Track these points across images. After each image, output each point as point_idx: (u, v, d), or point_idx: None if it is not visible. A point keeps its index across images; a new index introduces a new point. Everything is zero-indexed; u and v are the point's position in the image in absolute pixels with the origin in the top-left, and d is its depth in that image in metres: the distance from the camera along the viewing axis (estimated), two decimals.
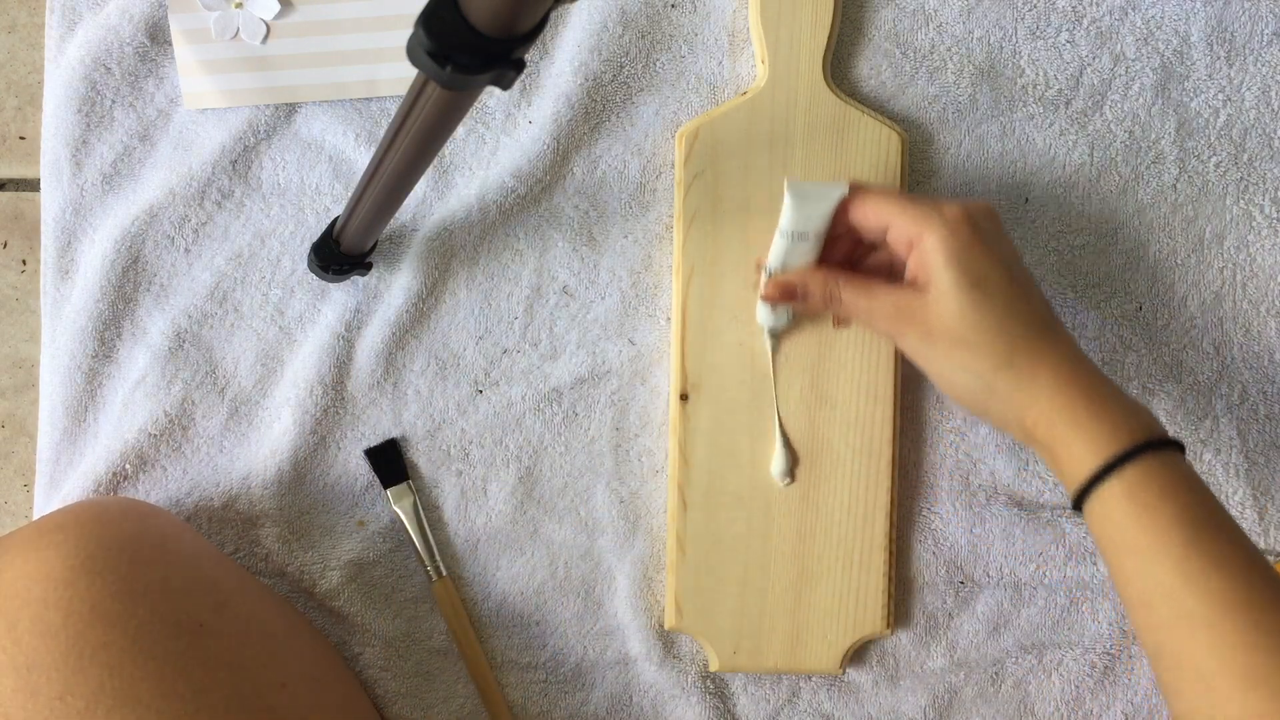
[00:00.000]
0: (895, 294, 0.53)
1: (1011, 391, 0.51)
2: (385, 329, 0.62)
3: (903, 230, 0.52)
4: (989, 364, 0.51)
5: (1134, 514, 0.48)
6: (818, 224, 0.54)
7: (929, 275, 0.51)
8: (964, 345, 0.51)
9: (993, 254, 0.51)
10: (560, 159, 0.63)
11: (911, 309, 0.52)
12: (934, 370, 0.53)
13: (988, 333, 0.50)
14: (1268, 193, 0.64)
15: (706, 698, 0.63)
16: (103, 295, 0.61)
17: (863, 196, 0.53)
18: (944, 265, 0.50)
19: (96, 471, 0.61)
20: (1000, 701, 0.64)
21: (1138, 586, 0.48)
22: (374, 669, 0.62)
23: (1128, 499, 0.48)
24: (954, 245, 0.50)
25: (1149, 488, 0.48)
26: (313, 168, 0.62)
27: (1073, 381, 0.50)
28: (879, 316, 0.53)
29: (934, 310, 0.51)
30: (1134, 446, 0.49)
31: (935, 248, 0.51)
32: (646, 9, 0.63)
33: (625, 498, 0.63)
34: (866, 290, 0.54)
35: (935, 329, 0.51)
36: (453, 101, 0.41)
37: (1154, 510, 0.48)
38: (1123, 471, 0.48)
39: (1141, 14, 0.63)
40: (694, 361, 0.61)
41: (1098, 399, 0.50)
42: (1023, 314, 0.51)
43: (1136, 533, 0.48)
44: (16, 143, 0.65)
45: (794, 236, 0.55)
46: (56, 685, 0.46)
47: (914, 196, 0.53)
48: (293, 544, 0.62)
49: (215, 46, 0.61)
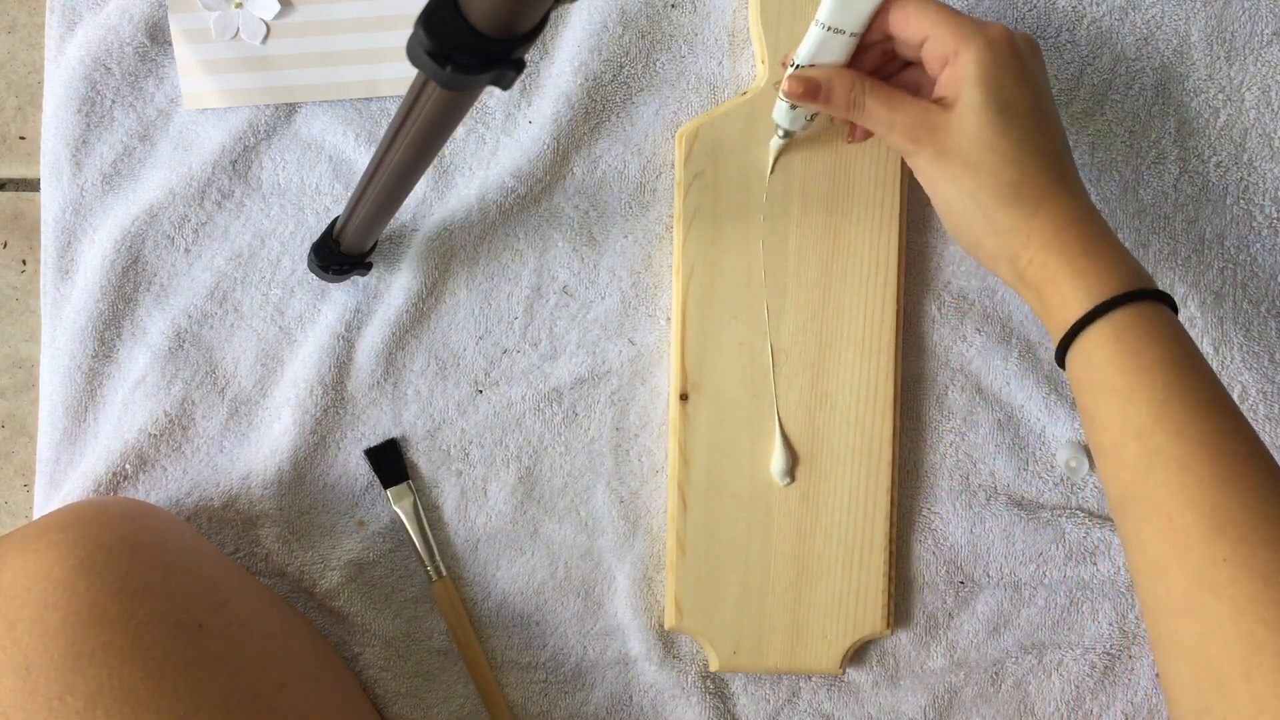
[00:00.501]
0: (918, 108, 0.51)
1: (1010, 226, 0.50)
2: (385, 329, 0.62)
3: (941, 43, 0.50)
4: (994, 193, 0.49)
5: (1118, 356, 0.47)
6: (856, 22, 0.51)
7: (958, 92, 0.50)
8: (974, 169, 0.49)
9: (1025, 81, 0.49)
10: (560, 159, 0.63)
11: (932, 124, 0.50)
12: (938, 192, 0.52)
13: (1000, 159, 0.49)
14: (1268, 193, 0.64)
15: (706, 698, 0.63)
16: (103, 295, 0.61)
17: (904, 6, 0.51)
18: (975, 82, 0.49)
19: (96, 471, 0.61)
20: (1000, 701, 0.64)
21: (1113, 431, 0.48)
22: (374, 669, 0.62)
23: (1113, 341, 0.48)
24: (990, 65, 0.49)
25: (1136, 332, 0.47)
26: (313, 168, 0.62)
27: (1074, 223, 0.49)
28: (898, 128, 0.51)
29: (954, 128, 0.50)
30: (1126, 292, 0.48)
31: (970, 63, 0.49)
32: (646, 9, 0.63)
33: (625, 498, 0.63)
34: (890, 99, 0.52)
35: (950, 148, 0.50)
36: (453, 101, 0.41)
37: (1138, 354, 0.47)
38: (1112, 315, 0.48)
39: (1141, 14, 0.63)
40: (694, 361, 0.61)
41: (1095, 244, 0.49)
42: (1040, 148, 0.50)
43: (1117, 375, 0.47)
44: (16, 143, 0.65)
45: (829, 30, 0.52)
46: (55, 685, 0.46)
47: (958, 11, 0.51)
48: (293, 544, 0.62)
49: (215, 46, 0.61)
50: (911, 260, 0.63)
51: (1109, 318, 0.48)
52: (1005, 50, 0.49)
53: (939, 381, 0.63)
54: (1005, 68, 0.49)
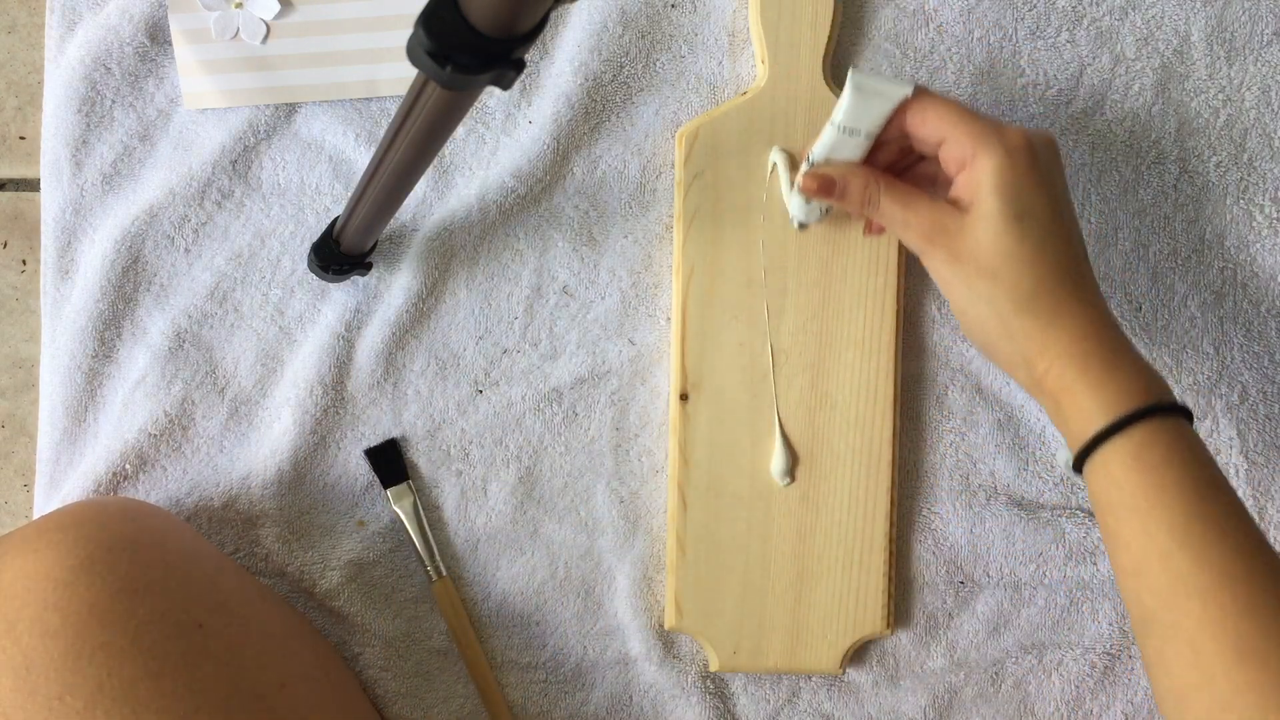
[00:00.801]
0: (934, 209, 0.50)
1: (1027, 334, 0.49)
2: (385, 329, 0.62)
3: (958, 146, 0.50)
4: (1011, 300, 0.49)
5: (1137, 475, 0.47)
6: (872, 123, 0.52)
7: (974, 197, 0.49)
8: (990, 276, 0.49)
9: (1043, 188, 0.49)
10: (560, 159, 0.63)
11: (947, 228, 0.50)
12: (954, 296, 0.51)
13: (1017, 267, 0.49)
14: (1268, 193, 0.64)
15: (706, 698, 0.63)
16: (103, 295, 0.61)
17: (924, 104, 0.51)
18: (992, 191, 0.48)
19: (96, 471, 0.61)
20: (1000, 701, 0.64)
21: (1134, 551, 0.47)
22: (374, 669, 0.62)
23: (1133, 460, 0.47)
24: (1007, 172, 0.48)
25: (1155, 450, 0.47)
26: (313, 168, 0.62)
27: (1091, 334, 0.49)
28: (913, 229, 0.51)
29: (970, 234, 0.49)
30: (1144, 407, 0.48)
31: (987, 170, 0.49)
32: (646, 9, 0.63)
33: (625, 498, 0.63)
34: (906, 200, 0.51)
35: (965, 253, 0.49)
36: (453, 101, 0.41)
37: (1158, 473, 0.47)
38: (1130, 431, 0.47)
39: (1141, 14, 0.63)
40: (694, 361, 0.61)
41: (1112, 356, 0.49)
42: (1057, 256, 0.49)
43: (1138, 495, 0.47)
44: (16, 143, 0.65)
45: (845, 130, 0.52)
46: (55, 685, 0.46)
47: (976, 113, 0.50)
48: (293, 544, 0.62)
49: (215, 46, 0.61)
50: (911, 260, 0.63)
51: (1127, 434, 0.48)
52: (1023, 158, 0.49)
53: (939, 381, 0.63)
54: (1022, 175, 0.49)
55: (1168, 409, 0.48)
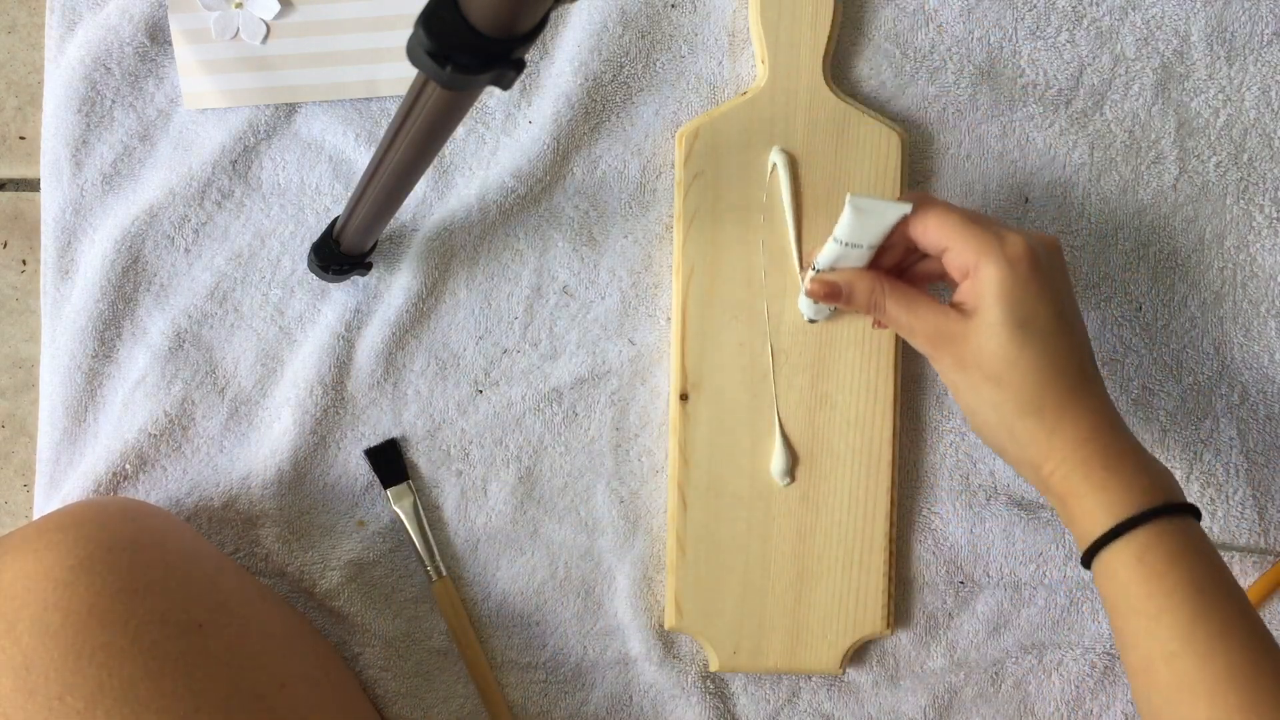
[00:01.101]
0: (938, 315, 0.51)
1: (1032, 438, 0.50)
2: (385, 329, 0.62)
3: (961, 255, 0.50)
4: (1015, 406, 0.50)
5: (1141, 578, 0.48)
6: (873, 237, 0.53)
7: (977, 305, 0.50)
8: (995, 382, 0.50)
9: (1046, 296, 0.50)
10: (560, 159, 0.63)
11: (952, 334, 0.51)
12: (961, 399, 0.53)
13: (1021, 375, 0.49)
14: (1268, 193, 0.64)
15: (706, 698, 0.63)
16: (103, 295, 0.61)
17: (925, 215, 0.51)
18: (994, 301, 0.49)
19: (96, 471, 0.61)
20: (1000, 701, 0.64)
21: (1141, 651, 0.48)
22: (374, 669, 0.62)
23: (1136, 562, 0.48)
24: (1009, 282, 0.49)
25: (1158, 553, 0.48)
26: (313, 168, 0.62)
27: (1095, 438, 0.50)
28: (918, 334, 0.52)
29: (973, 341, 0.50)
30: (1147, 510, 0.48)
31: (990, 280, 0.49)
32: (646, 9, 0.63)
33: (625, 498, 0.63)
34: (910, 305, 0.52)
35: (970, 359, 0.50)
36: (453, 101, 0.41)
37: (1162, 576, 0.48)
38: (1134, 534, 0.48)
39: (1141, 14, 0.63)
40: (694, 361, 0.61)
41: (1117, 458, 0.50)
42: (1060, 363, 0.50)
43: (1143, 597, 0.48)
44: (16, 143, 0.65)
45: (847, 245, 0.53)
46: (55, 685, 0.46)
47: (977, 219, 0.51)
48: (293, 544, 0.62)
49: (215, 46, 0.61)
50: None
51: (1132, 536, 0.48)
52: (1024, 266, 0.49)
53: (939, 381, 0.63)
54: (1024, 284, 0.49)
55: (1172, 509, 0.49)
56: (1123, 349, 0.64)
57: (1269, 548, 0.64)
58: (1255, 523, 0.64)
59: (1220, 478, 0.64)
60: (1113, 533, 0.49)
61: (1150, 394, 0.64)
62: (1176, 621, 0.47)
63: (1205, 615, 0.47)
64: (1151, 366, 0.64)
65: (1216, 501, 0.64)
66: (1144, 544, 0.48)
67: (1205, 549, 0.49)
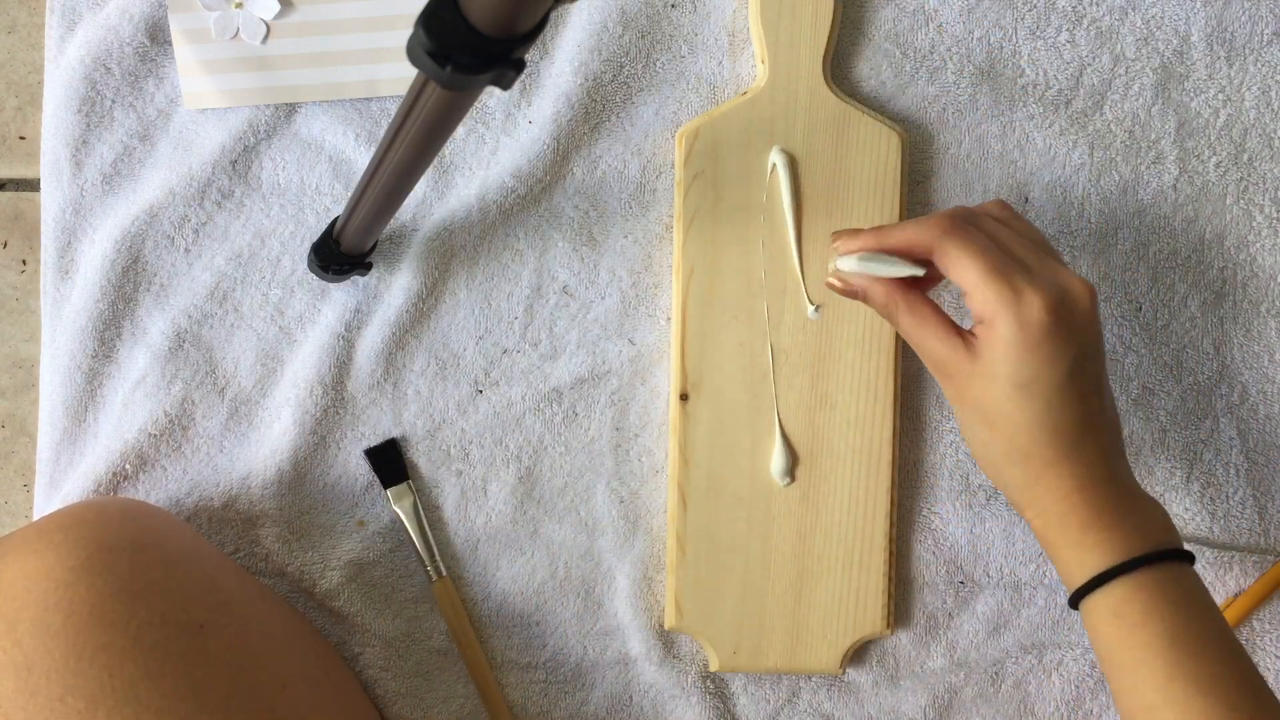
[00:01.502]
0: (947, 346, 0.51)
1: (1016, 485, 0.51)
2: (385, 329, 0.62)
3: (979, 304, 0.50)
4: (1004, 452, 0.50)
5: (1118, 633, 0.48)
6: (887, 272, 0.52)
7: (986, 350, 0.50)
8: (988, 425, 0.50)
9: (1056, 359, 0.49)
10: (560, 159, 0.63)
11: (957, 368, 0.51)
12: (957, 420, 0.53)
13: (1013, 427, 0.49)
14: (1268, 193, 0.64)
15: (706, 698, 0.63)
16: (103, 295, 0.61)
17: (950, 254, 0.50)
18: (1001, 358, 0.49)
19: (96, 471, 0.61)
20: (1000, 701, 0.64)
21: (1125, 702, 0.49)
22: (374, 669, 0.62)
23: (1112, 616, 0.48)
24: (1018, 346, 0.48)
25: (1134, 606, 0.48)
26: (313, 168, 0.62)
27: (1078, 491, 0.49)
28: (925, 355, 0.52)
29: (976, 383, 0.50)
30: (1119, 564, 0.48)
31: (1000, 339, 0.49)
32: (646, 9, 0.63)
33: (625, 498, 0.63)
34: (922, 325, 0.52)
35: (969, 397, 0.50)
36: (453, 101, 0.41)
37: (1138, 630, 0.48)
38: (1110, 587, 0.49)
39: (1141, 14, 0.63)
40: (694, 361, 0.61)
41: (1098, 512, 0.49)
42: (1055, 424, 0.49)
43: (1121, 651, 0.48)
44: (16, 143, 0.65)
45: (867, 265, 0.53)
46: (56, 686, 0.46)
47: (1001, 270, 0.49)
48: (293, 544, 0.62)
49: (215, 46, 0.61)
50: None
51: (1108, 589, 0.49)
52: (1037, 331, 0.48)
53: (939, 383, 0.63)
54: (1033, 350, 0.48)
55: (1152, 558, 0.49)
56: (1123, 349, 0.64)
57: (1269, 548, 0.64)
58: (1255, 523, 0.64)
59: (1220, 478, 0.64)
60: (1087, 588, 0.49)
61: (1150, 394, 0.64)
62: (1153, 674, 0.47)
63: (1183, 671, 0.47)
64: (1151, 366, 0.64)
65: (1216, 501, 0.64)
66: (1120, 597, 0.48)
67: (1185, 598, 0.49)
